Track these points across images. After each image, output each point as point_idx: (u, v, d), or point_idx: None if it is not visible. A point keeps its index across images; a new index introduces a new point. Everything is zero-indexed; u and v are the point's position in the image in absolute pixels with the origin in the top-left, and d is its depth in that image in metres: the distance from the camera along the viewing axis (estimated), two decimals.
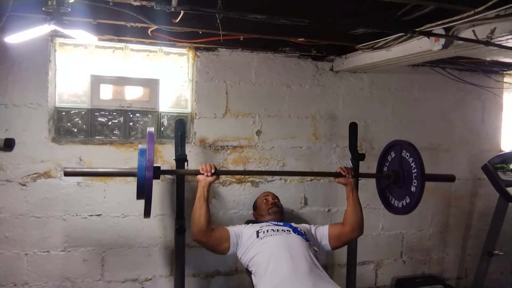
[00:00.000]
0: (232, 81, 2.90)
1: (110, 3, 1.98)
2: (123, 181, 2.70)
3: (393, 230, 3.36)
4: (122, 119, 2.80)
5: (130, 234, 2.75)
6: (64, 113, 2.71)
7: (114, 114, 2.79)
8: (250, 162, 2.95)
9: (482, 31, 1.89)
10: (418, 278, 3.42)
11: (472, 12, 1.79)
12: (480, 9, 1.73)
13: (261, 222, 2.54)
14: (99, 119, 2.77)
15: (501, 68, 3.41)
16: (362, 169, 2.91)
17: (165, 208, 2.78)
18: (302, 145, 3.06)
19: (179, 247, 2.42)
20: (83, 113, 2.73)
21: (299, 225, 2.54)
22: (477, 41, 1.91)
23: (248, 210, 2.91)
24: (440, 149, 3.36)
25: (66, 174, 2.03)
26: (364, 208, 3.13)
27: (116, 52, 2.75)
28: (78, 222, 2.66)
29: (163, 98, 2.84)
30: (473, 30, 1.92)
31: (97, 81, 2.70)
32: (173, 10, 1.80)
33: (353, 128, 2.76)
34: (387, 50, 2.46)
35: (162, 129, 2.87)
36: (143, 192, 1.91)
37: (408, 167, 2.31)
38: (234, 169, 2.92)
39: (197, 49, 2.80)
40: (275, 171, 2.98)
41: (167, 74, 2.85)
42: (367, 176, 2.77)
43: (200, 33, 2.50)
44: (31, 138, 2.54)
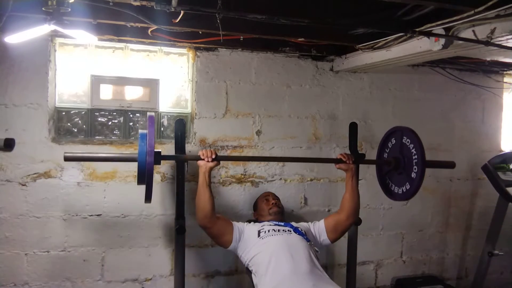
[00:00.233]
0: (232, 81, 2.90)
1: (110, 3, 1.98)
2: (123, 181, 2.71)
3: (393, 230, 3.36)
4: (122, 119, 2.80)
5: (130, 234, 2.75)
6: (64, 113, 2.71)
7: (114, 114, 2.79)
8: (250, 162, 2.95)
9: (482, 31, 1.88)
10: (418, 278, 3.42)
11: (472, 12, 1.78)
12: (480, 9, 1.73)
13: (262, 222, 2.54)
14: (99, 119, 2.77)
15: (501, 68, 3.41)
16: (362, 168, 2.92)
17: (165, 208, 2.78)
18: (302, 145, 3.06)
19: (179, 247, 2.41)
20: (83, 113, 2.73)
21: (300, 224, 2.55)
22: (477, 41, 1.91)
23: (248, 210, 2.91)
24: (440, 149, 3.36)
25: (66, 159, 2.03)
26: (364, 208, 3.17)
27: (116, 52, 2.75)
28: (78, 222, 2.65)
29: (163, 98, 2.84)
30: (473, 30, 1.92)
31: (97, 81, 2.70)
32: (173, 10, 1.80)
33: (353, 128, 2.76)
34: (387, 50, 2.46)
35: (162, 129, 2.86)
36: (144, 177, 1.91)
37: (408, 153, 2.31)
38: (234, 169, 2.92)
39: (197, 49, 2.80)
40: (276, 157, 2.95)
41: (167, 74, 2.85)
42: (368, 162, 2.77)
43: (200, 33, 2.50)
44: (31, 138, 2.54)
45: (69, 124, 2.72)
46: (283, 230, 2.39)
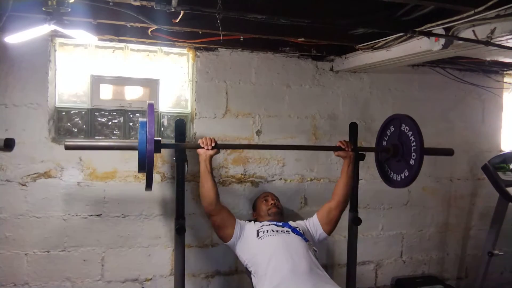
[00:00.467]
0: (232, 81, 2.90)
1: (110, 3, 1.98)
2: (123, 181, 2.71)
3: (393, 230, 3.36)
4: (122, 119, 2.80)
5: (130, 234, 2.75)
6: (64, 113, 2.71)
7: (114, 114, 2.80)
8: (250, 162, 2.96)
9: (482, 31, 1.88)
10: (418, 278, 3.42)
11: (472, 12, 1.78)
12: (480, 9, 1.73)
13: (261, 222, 2.54)
14: (99, 119, 2.77)
15: (501, 68, 3.41)
16: (362, 169, 2.92)
17: (165, 208, 2.78)
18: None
19: (179, 247, 2.41)
20: (83, 113, 2.73)
21: (297, 223, 2.55)
22: (477, 41, 1.91)
23: (248, 210, 2.91)
24: None
25: (67, 148, 2.04)
26: (364, 208, 3.17)
27: (116, 52, 2.75)
28: (78, 222, 2.66)
29: (163, 98, 2.84)
30: (473, 30, 1.92)
31: (97, 81, 2.70)
32: (173, 10, 1.80)
33: (353, 128, 2.75)
34: (387, 50, 2.46)
35: (162, 129, 2.87)
36: (144, 165, 1.93)
37: (407, 141, 2.34)
38: (234, 169, 2.92)
39: (197, 49, 2.80)
40: (275, 145, 2.94)
41: (167, 74, 2.85)
42: (367, 150, 2.77)
43: (200, 33, 2.50)
44: (31, 138, 2.55)
45: (69, 124, 2.72)
46: (281, 231, 2.39)
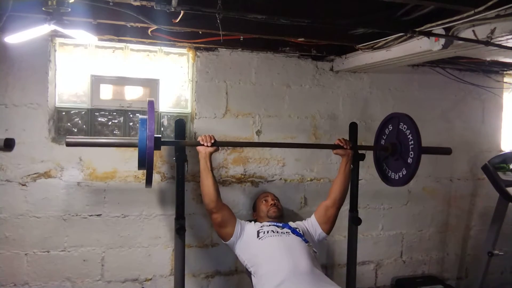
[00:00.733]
0: (232, 81, 2.90)
1: (110, 3, 1.98)
2: (123, 181, 2.71)
3: (393, 230, 3.36)
4: (122, 119, 2.80)
5: (130, 234, 2.75)
6: (64, 113, 2.71)
7: (114, 114, 2.79)
8: (250, 162, 2.96)
9: (482, 31, 1.88)
10: (418, 278, 3.42)
11: (472, 12, 1.78)
12: (480, 9, 1.73)
13: (261, 222, 2.54)
14: (99, 119, 2.77)
15: (501, 68, 3.40)
16: (362, 169, 2.91)
17: (165, 208, 2.78)
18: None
19: (179, 247, 2.41)
20: (83, 113, 2.73)
21: (297, 224, 2.55)
22: (477, 41, 1.91)
23: (248, 210, 2.91)
24: None
25: (68, 144, 2.05)
26: (364, 208, 3.17)
27: (116, 52, 2.75)
28: (78, 222, 2.66)
29: (163, 98, 2.84)
30: (473, 30, 1.92)
31: (97, 81, 2.70)
32: (173, 10, 1.80)
33: (353, 128, 2.76)
34: (387, 50, 2.46)
35: (162, 129, 2.86)
36: (144, 162, 1.94)
37: (405, 139, 2.35)
38: (234, 169, 2.92)
39: (197, 49, 2.80)
40: (275, 143, 2.94)
41: (167, 74, 2.85)
42: (365, 148, 2.78)
43: (200, 33, 2.50)
44: (31, 138, 2.55)
45: (69, 124, 2.72)
46: (282, 232, 2.40)
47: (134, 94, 2.81)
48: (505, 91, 3.62)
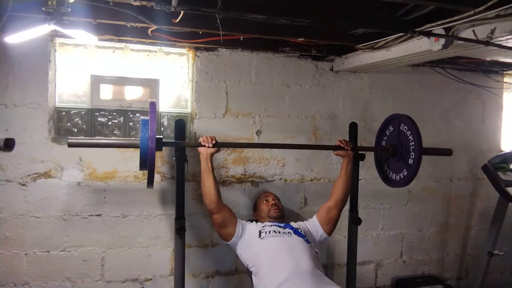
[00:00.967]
0: (232, 81, 2.90)
1: (110, 3, 1.98)
2: (123, 181, 2.71)
3: (393, 230, 3.36)
4: (122, 119, 2.80)
5: (130, 234, 2.75)
6: (64, 113, 2.71)
7: (114, 114, 2.79)
8: (250, 162, 2.95)
9: (482, 31, 1.88)
10: (418, 278, 3.42)
11: (472, 12, 1.78)
12: (480, 9, 1.73)
13: (262, 222, 2.54)
14: (99, 119, 2.77)
15: (501, 68, 3.40)
16: (362, 169, 2.91)
17: (165, 208, 2.78)
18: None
19: (179, 247, 2.41)
20: (83, 113, 2.73)
21: (298, 224, 2.55)
22: (477, 41, 1.91)
23: (248, 210, 2.91)
24: None
25: (70, 145, 2.06)
26: (364, 208, 3.17)
27: (116, 52, 2.75)
28: (78, 222, 2.66)
29: (163, 98, 2.84)
30: (473, 30, 1.91)
31: (97, 81, 2.70)
32: (173, 10, 1.80)
33: (353, 128, 2.76)
34: (387, 50, 2.46)
35: (162, 129, 2.86)
36: (146, 163, 1.94)
37: (406, 140, 2.35)
38: (234, 169, 2.92)
39: (197, 49, 2.80)
40: (275, 144, 2.90)
41: (167, 74, 2.85)
42: (366, 149, 2.78)
43: (200, 33, 2.50)
44: (31, 138, 2.54)
45: (69, 124, 2.72)
46: (283, 232, 2.40)
47: (134, 94, 2.81)
48: (505, 91, 3.62)
